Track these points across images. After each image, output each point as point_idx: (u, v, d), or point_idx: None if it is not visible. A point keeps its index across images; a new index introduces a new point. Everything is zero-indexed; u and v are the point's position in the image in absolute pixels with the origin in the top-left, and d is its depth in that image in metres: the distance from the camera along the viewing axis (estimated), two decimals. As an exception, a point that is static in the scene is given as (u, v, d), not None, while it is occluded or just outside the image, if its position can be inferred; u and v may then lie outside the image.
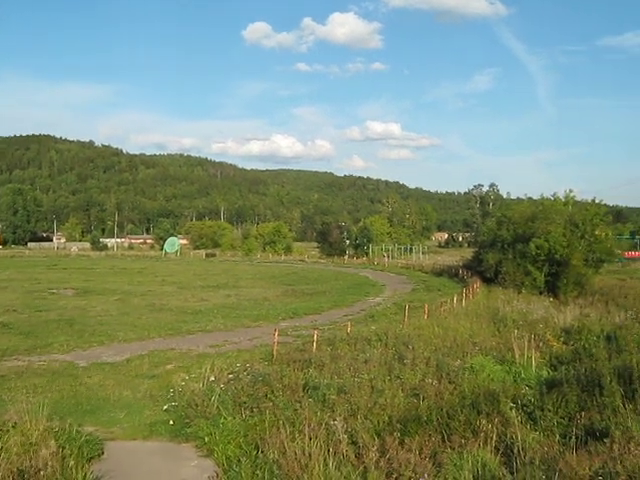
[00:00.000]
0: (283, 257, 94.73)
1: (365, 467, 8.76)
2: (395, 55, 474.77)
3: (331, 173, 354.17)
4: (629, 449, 8.85)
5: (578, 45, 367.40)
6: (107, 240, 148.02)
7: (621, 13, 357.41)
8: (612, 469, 8.34)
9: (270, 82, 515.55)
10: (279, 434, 9.70)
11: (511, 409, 11.25)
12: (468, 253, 64.83)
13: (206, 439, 10.60)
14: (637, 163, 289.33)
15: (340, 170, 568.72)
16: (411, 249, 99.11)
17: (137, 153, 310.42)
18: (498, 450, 9.61)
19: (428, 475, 8.49)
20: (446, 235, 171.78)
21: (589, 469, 8.58)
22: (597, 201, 45.99)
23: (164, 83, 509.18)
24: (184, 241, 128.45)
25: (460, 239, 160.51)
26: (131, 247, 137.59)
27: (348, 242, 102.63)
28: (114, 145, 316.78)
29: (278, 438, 9.60)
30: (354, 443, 9.69)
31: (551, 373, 15.65)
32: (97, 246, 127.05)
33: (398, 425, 10.51)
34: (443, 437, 10.05)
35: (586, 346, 18.18)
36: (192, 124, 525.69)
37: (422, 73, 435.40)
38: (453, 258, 74.26)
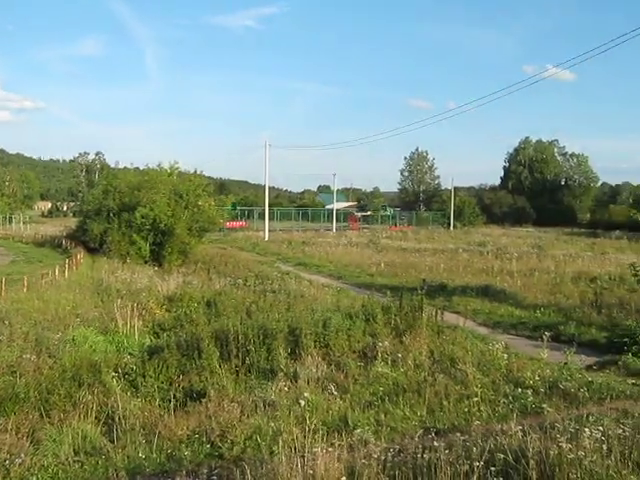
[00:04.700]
0: None
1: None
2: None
3: None
4: (223, 406, 9.53)
5: (186, 20, 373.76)
6: None
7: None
8: (208, 426, 8.91)
9: None
10: None
11: (113, 378, 11.32)
12: (73, 223, 62.77)
13: None
14: (237, 138, 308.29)
15: None
16: (11, 219, 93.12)
17: None
18: (100, 420, 9.63)
19: (25, 454, 8.18)
20: (50, 204, 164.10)
21: (187, 428, 9.06)
22: (200, 173, 48.00)
23: None
24: None
25: (65, 208, 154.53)
26: None
27: None
28: None
29: None
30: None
31: (154, 340, 16.07)
32: None
33: (-7, 406, 9.92)
34: (42, 413, 9.74)
35: (187, 312, 18.98)
36: None
37: (27, 30, 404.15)
38: (57, 228, 71.19)
